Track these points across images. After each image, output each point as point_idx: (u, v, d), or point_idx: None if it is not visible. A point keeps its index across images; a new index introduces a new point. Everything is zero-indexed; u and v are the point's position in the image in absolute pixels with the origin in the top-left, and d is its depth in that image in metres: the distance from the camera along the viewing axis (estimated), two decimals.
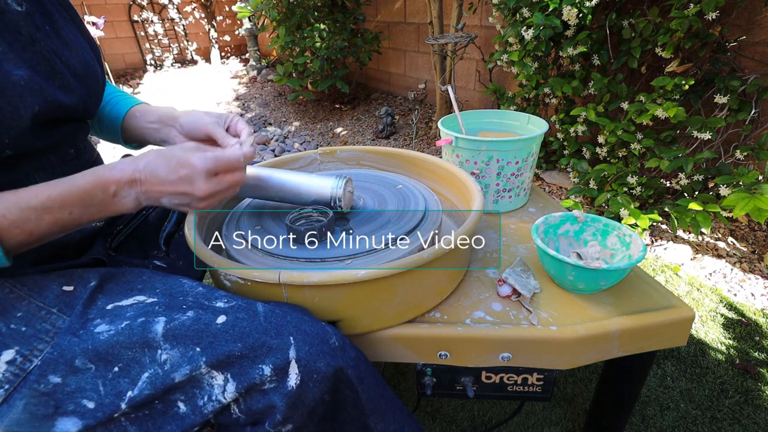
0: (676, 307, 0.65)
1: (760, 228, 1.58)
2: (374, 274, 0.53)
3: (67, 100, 0.52)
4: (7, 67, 0.44)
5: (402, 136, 2.74)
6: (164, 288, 0.52)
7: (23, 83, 0.45)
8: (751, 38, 1.48)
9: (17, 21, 0.46)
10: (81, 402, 0.44)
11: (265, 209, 0.76)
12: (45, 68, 0.49)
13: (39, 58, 0.48)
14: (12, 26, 0.46)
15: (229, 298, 0.51)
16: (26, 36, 0.47)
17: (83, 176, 0.46)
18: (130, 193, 0.48)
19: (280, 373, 0.46)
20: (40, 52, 0.48)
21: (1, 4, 0.45)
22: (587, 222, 0.75)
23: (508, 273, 0.70)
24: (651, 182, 1.59)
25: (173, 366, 0.46)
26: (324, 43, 2.84)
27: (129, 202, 0.48)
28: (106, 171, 0.47)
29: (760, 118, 1.48)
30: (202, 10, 4.91)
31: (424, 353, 0.64)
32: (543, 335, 0.61)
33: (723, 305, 1.26)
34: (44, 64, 0.49)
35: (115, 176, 0.46)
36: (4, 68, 0.44)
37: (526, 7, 1.68)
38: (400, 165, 0.95)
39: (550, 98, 1.92)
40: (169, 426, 0.46)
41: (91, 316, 0.48)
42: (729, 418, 0.94)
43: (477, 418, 0.96)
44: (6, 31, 0.45)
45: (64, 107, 0.52)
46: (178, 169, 0.47)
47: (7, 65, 0.44)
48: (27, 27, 0.47)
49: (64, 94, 0.52)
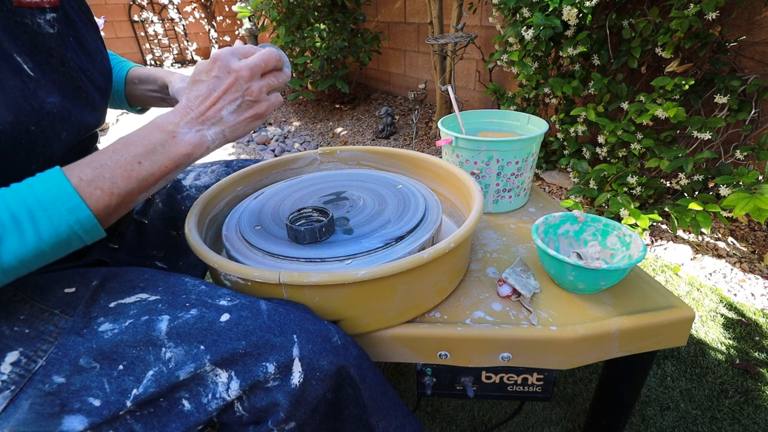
0: (676, 307, 0.65)
1: (760, 228, 1.59)
2: (374, 274, 0.53)
3: (91, 119, 0.53)
4: (41, 94, 0.45)
5: (402, 136, 2.74)
6: (167, 286, 0.52)
7: (56, 111, 0.46)
8: (751, 38, 1.48)
9: (49, 43, 0.47)
10: (87, 400, 0.45)
11: (265, 209, 0.76)
12: (72, 89, 0.50)
13: (67, 78, 0.49)
14: (44, 48, 0.46)
15: (232, 296, 0.52)
16: (57, 58, 0.48)
17: (142, 127, 0.46)
18: (190, 128, 0.46)
19: (284, 371, 0.46)
20: (68, 72, 0.49)
21: (35, 27, 0.45)
22: (587, 222, 0.75)
23: (508, 273, 0.70)
24: (651, 182, 1.59)
25: (178, 364, 0.46)
26: (324, 43, 2.84)
27: (191, 136, 0.46)
28: (159, 117, 0.47)
29: (760, 118, 1.48)
30: (202, 10, 4.92)
31: (424, 353, 0.64)
32: (543, 335, 0.62)
33: (723, 305, 1.26)
34: (72, 85, 0.50)
35: (168, 117, 0.46)
36: (39, 96, 0.44)
37: (526, 7, 1.68)
38: (400, 165, 0.95)
39: (550, 98, 1.92)
40: (173, 424, 0.47)
41: (94, 315, 0.48)
42: (729, 418, 0.94)
43: (477, 418, 0.96)
44: (39, 54, 0.46)
45: (89, 127, 0.53)
46: (210, 72, 0.47)
47: (41, 92, 0.45)
48: (58, 48, 0.48)
49: (89, 113, 0.53)
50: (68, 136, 0.49)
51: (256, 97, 0.49)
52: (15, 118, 0.42)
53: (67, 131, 0.49)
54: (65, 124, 0.48)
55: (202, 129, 0.47)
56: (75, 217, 0.40)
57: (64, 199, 0.40)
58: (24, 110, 0.43)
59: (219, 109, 0.47)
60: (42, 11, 0.46)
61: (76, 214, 0.40)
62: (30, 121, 0.43)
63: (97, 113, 0.55)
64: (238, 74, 0.46)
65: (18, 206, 0.38)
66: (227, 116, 0.48)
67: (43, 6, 0.46)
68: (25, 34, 0.45)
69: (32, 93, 0.44)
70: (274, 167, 0.92)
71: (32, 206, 0.39)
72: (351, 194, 0.80)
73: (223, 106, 0.47)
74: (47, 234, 0.39)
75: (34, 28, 0.45)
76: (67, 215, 0.40)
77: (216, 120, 0.47)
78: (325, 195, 0.80)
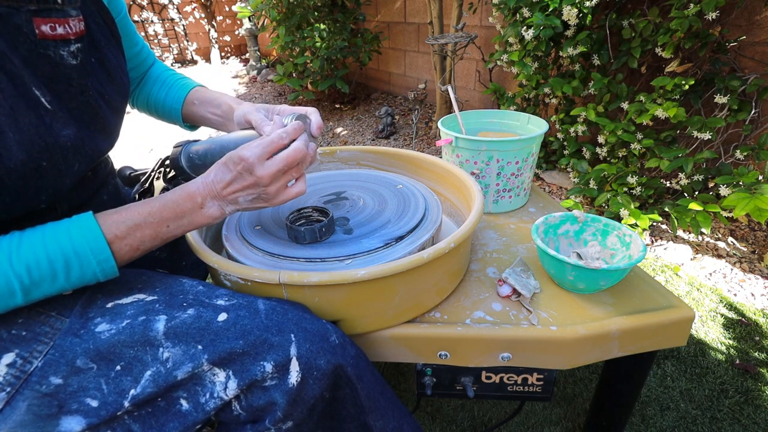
0: (676, 307, 0.65)
1: (760, 228, 1.58)
2: (374, 274, 0.53)
3: (105, 145, 0.54)
4: (57, 127, 0.45)
5: (402, 136, 2.74)
6: (164, 287, 0.52)
7: (70, 144, 0.47)
8: (751, 38, 1.48)
9: (70, 74, 0.47)
10: (84, 401, 0.44)
11: (265, 209, 0.76)
12: (89, 116, 0.50)
13: (85, 106, 0.49)
14: (63, 79, 0.46)
15: (230, 296, 0.52)
16: (77, 87, 0.48)
17: (173, 192, 0.50)
18: (213, 203, 0.50)
19: (281, 370, 0.46)
20: (87, 101, 0.49)
21: (57, 59, 0.45)
22: (587, 222, 0.75)
23: (508, 273, 0.70)
24: (651, 182, 1.59)
25: (175, 363, 0.46)
26: (324, 43, 2.84)
27: (214, 210, 0.51)
28: (190, 186, 0.50)
29: (760, 118, 1.48)
30: (202, 10, 4.92)
31: (424, 353, 0.64)
32: (543, 335, 0.61)
33: (723, 305, 1.26)
34: (89, 112, 0.50)
35: (199, 189, 0.50)
36: (54, 130, 0.45)
37: (526, 7, 1.68)
38: (400, 165, 0.95)
39: (550, 98, 1.92)
40: (171, 423, 0.47)
41: (91, 315, 0.48)
42: (729, 418, 0.94)
43: (477, 418, 0.96)
44: (57, 83, 0.46)
45: (102, 153, 0.54)
46: (236, 167, 0.49)
47: (57, 125, 0.45)
48: (79, 78, 0.48)
49: (104, 139, 0.54)
50: (80, 167, 0.50)
51: (272, 196, 0.52)
52: (27, 156, 0.42)
53: (79, 162, 0.49)
54: (78, 156, 0.49)
55: (222, 205, 0.51)
56: (102, 267, 0.45)
57: (96, 252, 0.44)
58: (37, 147, 0.43)
59: (237, 197, 0.51)
60: (66, 43, 0.46)
61: (103, 265, 0.45)
62: (42, 157, 0.44)
63: (111, 138, 0.56)
64: (258, 180, 0.50)
65: (56, 254, 0.42)
66: (243, 202, 0.52)
67: (69, 38, 0.46)
68: (47, 65, 0.44)
69: (48, 128, 0.44)
70: None
71: (69, 256, 0.43)
72: (351, 194, 0.80)
73: (240, 196, 0.51)
74: (75, 279, 0.44)
75: (56, 60, 0.45)
76: (95, 266, 0.44)
77: (233, 201, 0.52)
78: (325, 195, 0.80)
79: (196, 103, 0.70)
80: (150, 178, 0.67)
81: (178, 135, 2.92)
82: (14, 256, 0.41)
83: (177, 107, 0.71)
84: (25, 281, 0.41)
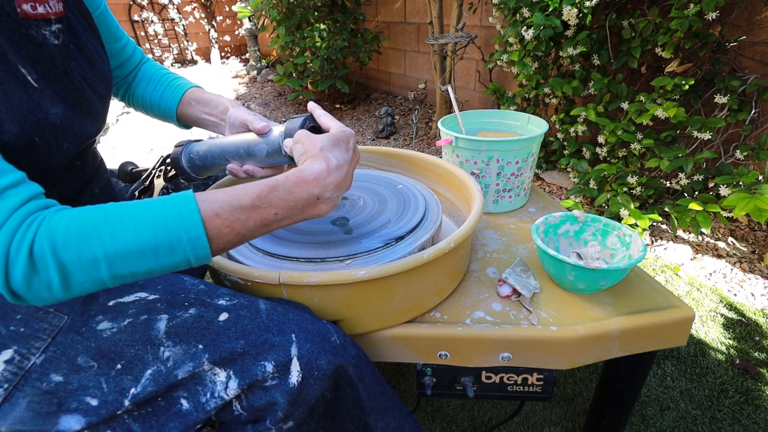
0: (676, 307, 0.65)
1: (760, 228, 1.58)
2: (374, 274, 0.53)
3: (93, 128, 0.54)
4: (45, 105, 0.45)
5: (402, 136, 2.74)
6: (165, 285, 0.52)
7: (59, 122, 0.47)
8: (751, 38, 1.48)
9: (53, 54, 0.47)
10: (84, 399, 0.45)
11: None
12: (75, 98, 0.50)
13: (70, 88, 0.49)
14: (47, 59, 0.46)
15: (231, 296, 0.52)
16: (60, 68, 0.48)
17: (286, 177, 0.45)
18: (333, 193, 0.47)
19: (282, 370, 0.46)
20: (71, 82, 0.50)
21: (40, 38, 0.45)
22: (587, 222, 0.75)
23: (508, 273, 0.70)
24: (651, 182, 1.59)
25: (176, 363, 0.46)
26: (324, 43, 2.84)
27: (327, 206, 0.47)
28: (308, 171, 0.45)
29: (760, 118, 1.48)
30: (202, 10, 4.91)
31: (424, 353, 0.64)
32: (543, 335, 0.61)
33: (723, 305, 1.26)
34: (74, 94, 0.50)
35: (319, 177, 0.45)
36: (43, 108, 0.45)
37: (526, 7, 1.68)
38: (400, 165, 0.95)
39: (550, 98, 1.92)
40: (172, 423, 0.47)
41: (93, 313, 0.48)
42: (729, 418, 0.94)
43: (477, 418, 0.96)
44: (43, 64, 0.46)
45: (90, 136, 0.54)
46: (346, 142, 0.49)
47: (45, 103, 0.45)
48: (62, 59, 0.48)
49: (91, 122, 0.54)
50: (70, 146, 0.50)
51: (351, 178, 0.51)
52: (20, 130, 0.42)
53: (69, 141, 0.49)
54: (67, 135, 0.48)
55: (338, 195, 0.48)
56: (193, 245, 0.40)
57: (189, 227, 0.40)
58: (29, 122, 0.43)
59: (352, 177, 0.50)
60: (47, 23, 0.46)
61: (195, 243, 0.40)
62: (35, 132, 0.44)
63: (98, 122, 0.56)
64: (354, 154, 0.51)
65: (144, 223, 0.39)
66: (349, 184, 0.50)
67: (49, 18, 0.46)
68: (30, 45, 0.45)
69: (36, 104, 0.44)
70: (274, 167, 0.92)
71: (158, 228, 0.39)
72: (351, 194, 0.80)
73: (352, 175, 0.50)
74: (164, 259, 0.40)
75: (39, 39, 0.45)
76: (186, 243, 0.40)
77: (346, 187, 0.49)
78: None
79: (192, 104, 0.70)
80: (151, 175, 0.67)
81: (178, 135, 2.92)
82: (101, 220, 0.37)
83: (172, 108, 0.71)
84: (108, 249, 0.37)
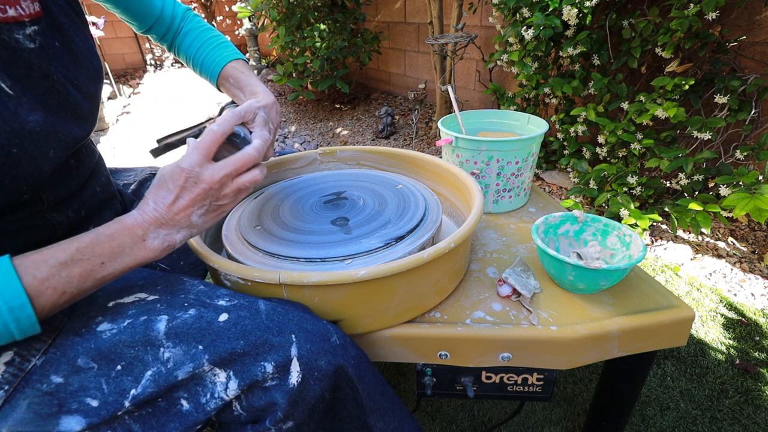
0: (676, 307, 0.65)
1: (760, 228, 1.58)
2: (374, 274, 0.53)
3: (79, 132, 0.52)
4: (22, 113, 0.43)
5: (402, 136, 2.74)
6: (165, 285, 0.52)
7: (39, 129, 0.44)
8: (751, 38, 1.48)
9: (29, 58, 0.45)
10: (84, 400, 0.44)
11: (264, 209, 0.76)
12: (57, 102, 0.48)
13: (51, 92, 0.47)
14: (23, 63, 0.44)
15: (231, 296, 0.52)
16: (38, 72, 0.46)
17: (107, 226, 0.45)
18: (159, 233, 0.46)
19: (282, 371, 0.46)
20: (52, 86, 0.47)
21: (12, 42, 0.43)
22: (587, 222, 0.75)
23: (508, 273, 0.70)
24: (651, 182, 1.59)
25: (176, 364, 0.46)
26: (324, 43, 2.84)
27: (159, 242, 0.46)
28: (127, 218, 0.46)
29: (760, 118, 1.48)
30: (202, 10, 4.91)
31: (424, 353, 0.64)
32: (543, 335, 0.61)
33: (723, 305, 1.26)
34: (56, 98, 0.48)
35: (137, 220, 0.45)
36: (20, 116, 0.43)
37: (526, 7, 1.68)
38: (400, 165, 0.95)
39: (550, 98, 1.92)
40: (172, 424, 0.47)
41: (92, 314, 0.48)
42: (729, 418, 0.94)
43: (477, 418, 0.96)
44: (16, 69, 0.43)
45: (77, 140, 0.52)
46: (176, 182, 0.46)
47: (22, 111, 0.43)
48: (39, 62, 0.46)
49: (77, 125, 0.51)
50: (56, 153, 0.47)
51: (228, 200, 0.49)
52: None
53: (54, 148, 0.47)
54: (51, 141, 0.46)
55: (171, 233, 0.47)
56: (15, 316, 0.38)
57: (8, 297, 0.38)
58: (4, 133, 0.41)
59: (188, 216, 0.47)
60: (20, 26, 0.44)
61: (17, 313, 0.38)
62: (11, 143, 0.41)
63: (86, 124, 0.53)
64: (209, 185, 0.47)
65: None
66: (196, 220, 0.48)
67: (23, 20, 0.44)
68: (2, 50, 0.42)
69: (12, 113, 0.42)
70: (274, 167, 0.92)
71: None
72: (351, 194, 0.80)
73: (192, 212, 0.47)
74: None
75: (11, 44, 0.43)
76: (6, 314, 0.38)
77: (185, 225, 0.47)
78: (325, 195, 0.80)
79: (230, 82, 0.71)
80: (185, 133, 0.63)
81: None
82: None
83: (212, 80, 0.74)
84: None
